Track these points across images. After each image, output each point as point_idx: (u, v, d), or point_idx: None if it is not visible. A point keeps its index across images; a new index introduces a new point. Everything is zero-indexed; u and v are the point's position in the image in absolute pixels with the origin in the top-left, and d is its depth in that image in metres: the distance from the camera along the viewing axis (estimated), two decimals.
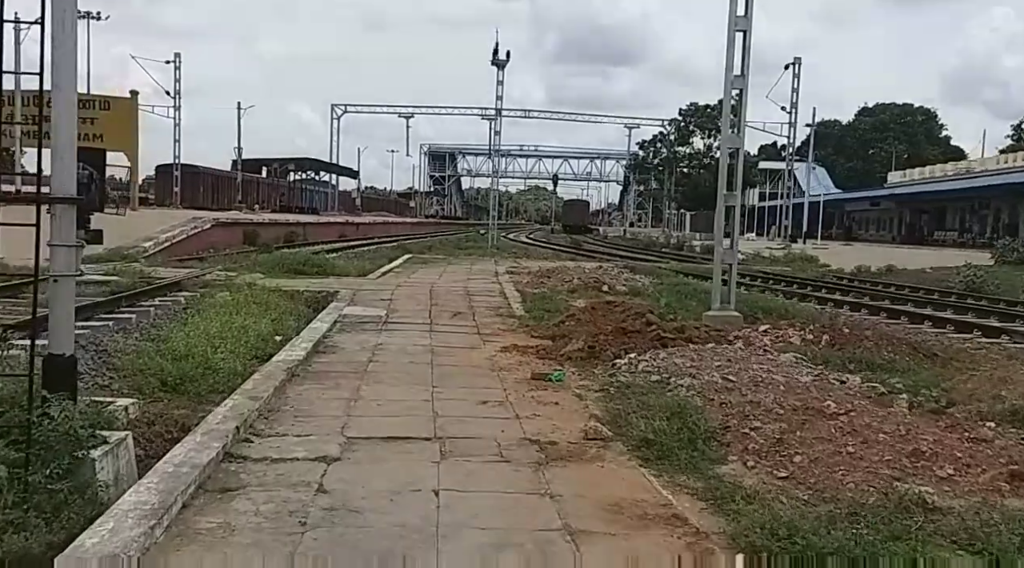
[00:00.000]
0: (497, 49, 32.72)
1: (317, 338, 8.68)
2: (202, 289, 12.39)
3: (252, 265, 16.39)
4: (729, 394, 6.03)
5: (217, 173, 55.21)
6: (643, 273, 18.24)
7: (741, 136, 11.47)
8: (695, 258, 30.29)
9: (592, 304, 10.48)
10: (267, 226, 31.44)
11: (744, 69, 11.32)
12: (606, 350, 8.15)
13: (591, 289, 14.37)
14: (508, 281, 15.88)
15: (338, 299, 12.26)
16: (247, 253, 20.51)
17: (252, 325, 9.80)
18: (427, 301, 12.52)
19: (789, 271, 22.76)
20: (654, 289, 15.09)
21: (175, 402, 6.74)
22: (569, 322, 10.09)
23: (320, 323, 9.77)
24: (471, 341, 9.26)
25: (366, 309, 11.39)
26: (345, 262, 18.57)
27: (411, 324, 10.25)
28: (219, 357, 8.05)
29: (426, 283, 15.16)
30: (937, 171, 60.83)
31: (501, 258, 26.11)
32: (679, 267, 22.52)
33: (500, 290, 14.12)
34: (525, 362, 8.03)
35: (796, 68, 40.55)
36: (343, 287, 13.66)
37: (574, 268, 17.54)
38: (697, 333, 8.54)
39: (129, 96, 30.76)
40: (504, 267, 20.32)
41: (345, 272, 16.46)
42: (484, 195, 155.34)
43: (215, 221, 25.46)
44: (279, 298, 12.02)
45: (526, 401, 6.35)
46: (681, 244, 42.63)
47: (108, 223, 21.93)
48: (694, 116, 65.17)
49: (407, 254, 25.83)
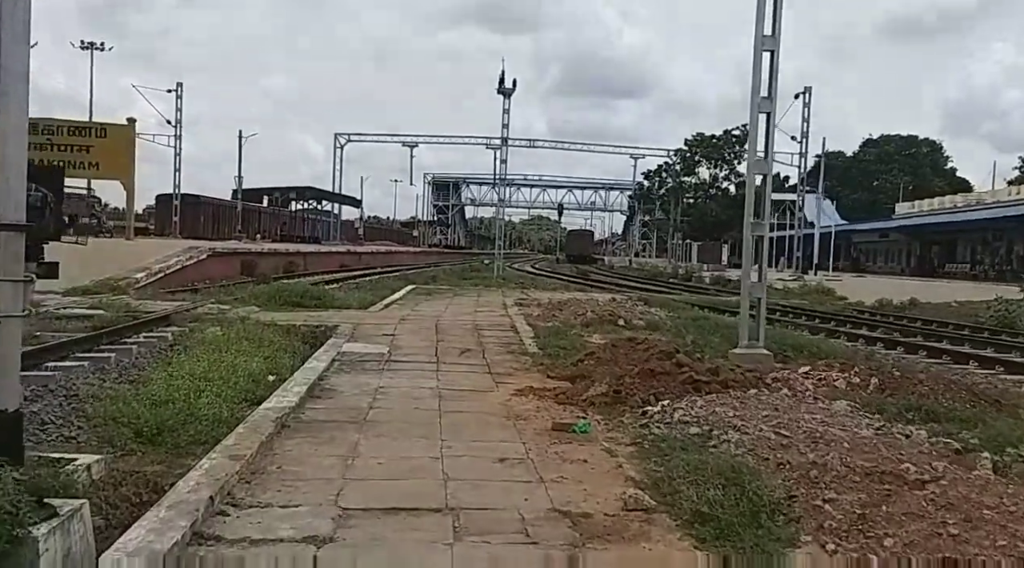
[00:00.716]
0: (503, 77, 32.32)
1: (312, 380, 7.88)
2: (192, 324, 11.62)
3: (248, 297, 15.62)
4: (786, 452, 5.21)
5: (218, 202, 54.76)
6: (657, 305, 17.44)
7: (769, 161, 10.74)
8: (708, 290, 29.53)
9: (613, 342, 9.68)
10: (266, 256, 30.68)
11: (772, 91, 10.63)
12: (633, 394, 7.34)
13: (606, 323, 13.58)
14: (518, 314, 15.08)
15: (337, 334, 11.47)
16: (244, 284, 19.77)
17: (243, 364, 9.03)
18: (433, 336, 11.72)
19: (807, 304, 21.93)
20: (672, 323, 14.28)
21: (150, 456, 5.93)
22: (589, 361, 9.29)
23: (316, 362, 8.97)
24: (482, 383, 8.45)
25: (367, 346, 10.59)
26: (346, 294, 17.80)
27: (416, 363, 9.45)
28: (204, 402, 7.26)
29: (431, 316, 14.37)
30: (947, 202, 60.26)
31: (508, 289, 25.32)
32: (693, 299, 21.72)
33: (510, 324, 13.32)
34: (544, 408, 7.22)
35: (807, 97, 40.05)
36: (343, 321, 12.88)
37: (586, 300, 16.75)
38: (732, 375, 7.72)
39: (126, 123, 30.16)
40: (512, 299, 19.53)
41: (346, 304, 15.68)
42: (488, 224, 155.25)
43: (211, 251, 24.72)
44: (274, 333, 11.26)
45: (550, 458, 5.54)
46: (689, 275, 41.87)
47: (99, 253, 21.33)
48: (700, 146, 64.75)
49: (410, 285, 25.06)
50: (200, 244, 26.65)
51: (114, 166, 28.84)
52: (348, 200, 68.77)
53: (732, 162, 64.15)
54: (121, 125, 30.12)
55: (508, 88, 32.31)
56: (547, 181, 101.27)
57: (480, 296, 20.38)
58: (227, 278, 23.61)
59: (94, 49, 58.63)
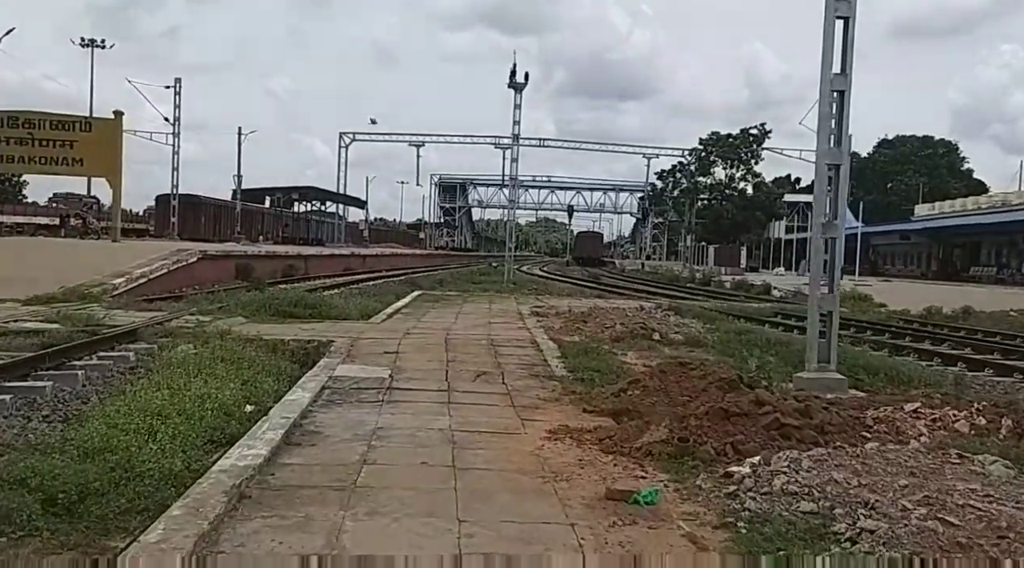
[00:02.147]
0: (515, 70, 30.65)
1: (292, 419, 6.25)
2: (162, 340, 10.00)
3: (234, 306, 14.00)
4: (968, 558, 3.54)
5: (220, 203, 53.26)
6: (690, 315, 15.75)
7: (844, 149, 9.05)
8: (734, 295, 27.78)
9: (662, 367, 8.01)
10: (263, 259, 28.97)
11: (847, 65, 8.96)
12: (704, 443, 5.69)
13: (639, 337, 11.92)
14: (537, 326, 13.43)
15: (331, 352, 9.84)
16: (236, 290, 18.16)
17: (215, 392, 7.46)
18: (442, 355, 10.06)
19: (847, 312, 20.16)
20: (714, 337, 12.62)
21: (60, 537, 4.32)
22: (633, 390, 7.64)
23: (301, 391, 7.33)
24: (505, 420, 6.80)
25: (365, 367, 8.95)
26: (346, 301, 16.17)
27: (423, 392, 7.80)
28: (154, 449, 5.69)
29: (440, 329, 12.72)
30: (969, 204, 58.37)
31: (521, 295, 23.66)
32: (722, 306, 20.02)
33: (530, 338, 11.66)
34: (588, 460, 5.58)
35: None
36: (340, 335, 11.24)
37: (611, 310, 15.08)
38: (828, 417, 6.04)
39: (113, 117, 28.44)
40: (528, 307, 17.87)
41: (344, 314, 14.05)
42: (494, 227, 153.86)
43: (202, 254, 23.03)
44: (258, 351, 9.67)
45: (612, 550, 3.90)
46: (708, 279, 40.09)
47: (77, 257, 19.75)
48: (716, 145, 62.90)
49: (417, 290, 23.43)
50: (190, 246, 25.00)
51: (99, 162, 27.11)
52: (352, 201, 67.08)
53: (749, 162, 62.35)
54: (107, 119, 28.30)
55: (520, 82, 30.65)
56: (556, 182, 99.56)
57: (492, 304, 18.71)
58: (220, 283, 22.02)
59: (95, 47, 57.48)
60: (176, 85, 41.29)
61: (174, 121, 41.47)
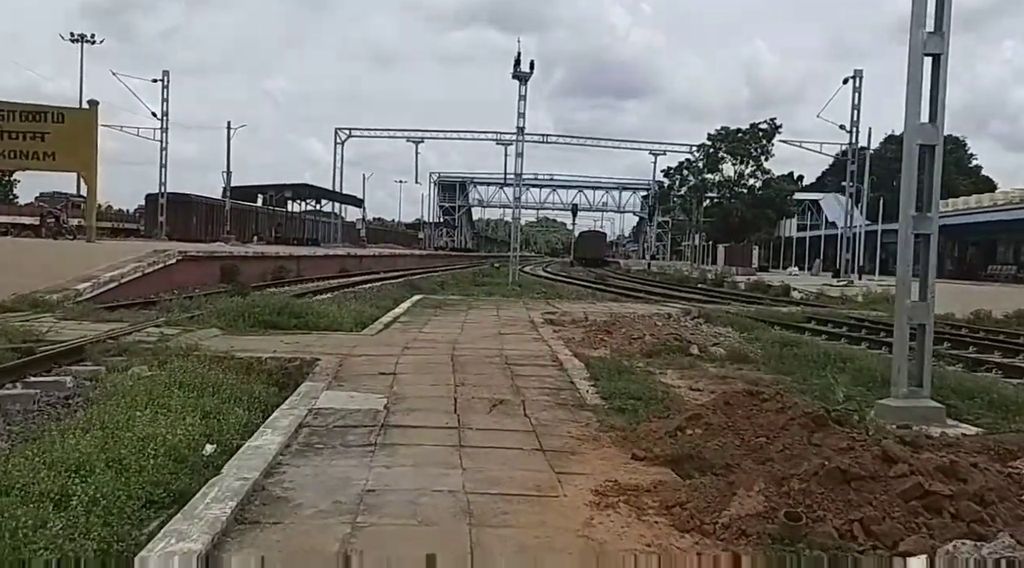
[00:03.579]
0: (519, 59, 29.01)
1: (253, 479, 4.66)
2: (114, 359, 8.37)
3: (209, 315, 12.39)
4: None
5: (212, 202, 51.55)
6: (721, 323, 14.12)
7: (939, 125, 7.43)
8: (758, 298, 26.09)
9: (726, 396, 6.38)
10: (251, 260, 27.22)
11: (943, 22, 7.36)
12: (821, 521, 4.09)
13: (675, 352, 10.32)
14: (555, 337, 11.81)
15: (315, 374, 8.22)
16: (217, 295, 16.52)
17: (164, 431, 5.90)
18: (449, 376, 8.44)
19: (885, 316, 18.54)
20: (759, 349, 11.01)
21: None
22: (693, 428, 6.03)
23: (270, 434, 5.71)
24: (535, 473, 5.19)
25: (355, 395, 7.34)
26: (338, 307, 14.52)
27: (427, 430, 6.18)
28: (58, 526, 4.15)
29: (444, 342, 11.09)
30: (985, 200, 56.70)
31: (529, 299, 22.04)
32: (749, 311, 18.39)
33: (550, 354, 10.03)
34: (659, 544, 3.99)
35: (857, 82, 36.39)
36: (327, 351, 9.63)
37: (634, 317, 13.45)
38: (983, 479, 4.42)
39: (87, 107, 26.60)
40: (539, 313, 16.24)
41: (335, 323, 12.41)
42: (494, 227, 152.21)
43: (183, 255, 21.31)
44: (227, 372, 8.07)
45: None
46: (720, 280, 38.42)
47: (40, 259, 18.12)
48: (724, 141, 61.14)
49: (416, 294, 21.81)
50: (169, 246, 23.33)
51: (73, 156, 25.26)
52: (349, 199, 65.30)
53: (759, 158, 60.59)
54: (81, 109, 26.39)
55: (524, 71, 28.99)
56: (558, 181, 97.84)
57: (500, 310, 17.08)
58: (203, 286, 20.40)
59: (84, 42, 55.88)
60: (164, 79, 39.69)
61: (162, 116, 39.86)
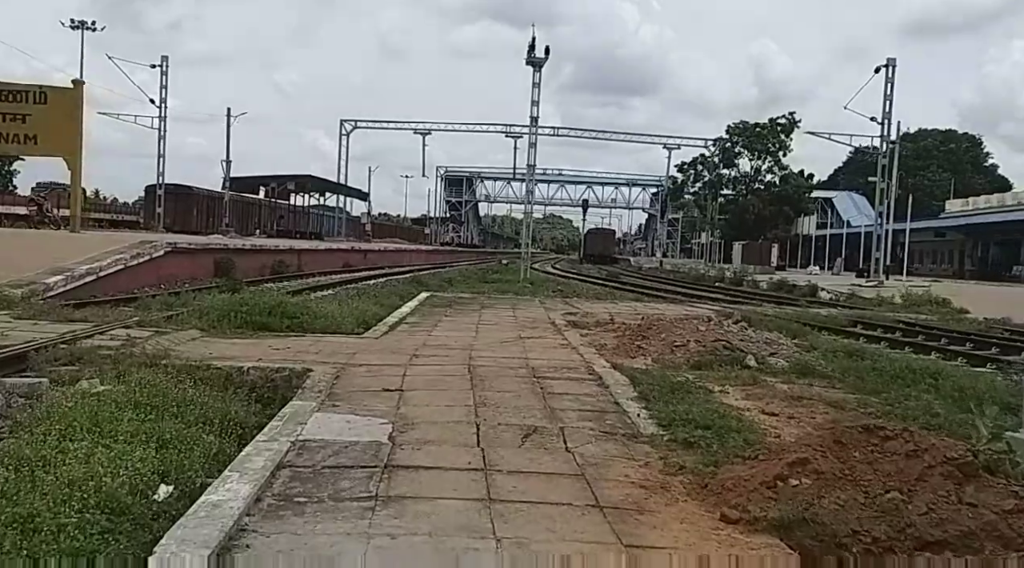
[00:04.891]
0: (533, 45, 27.51)
1: (202, 559, 3.19)
2: (64, 369, 6.93)
3: (189, 315, 10.94)
4: None
5: (214, 194, 50.11)
6: (764, 327, 12.60)
7: None
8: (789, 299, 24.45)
9: (836, 434, 4.89)
10: (247, 253, 25.68)
11: None
12: None
13: (728, 363, 8.84)
14: (583, 342, 10.34)
15: (306, 389, 6.76)
16: (209, 290, 15.09)
17: (103, 470, 4.53)
18: (467, 394, 6.96)
19: (936, 321, 17.03)
20: (819, 359, 9.52)
21: None
22: (798, 478, 4.55)
23: (235, 483, 4.24)
24: (597, 549, 3.72)
25: (352, 420, 5.87)
26: (339, 306, 13.05)
27: (443, 474, 4.71)
28: None
29: (457, 347, 9.62)
30: (1008, 199, 55.03)
31: (544, 297, 20.57)
32: (786, 313, 16.88)
33: (583, 364, 8.55)
34: None
35: (889, 72, 34.62)
36: (323, 359, 8.17)
37: (670, 321, 11.93)
38: None
39: (71, 86, 24.96)
40: (559, 313, 14.77)
41: (333, 325, 10.94)
42: (500, 223, 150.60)
43: (171, 246, 19.78)
44: (200, 386, 6.64)
45: None
46: (739, 279, 36.83)
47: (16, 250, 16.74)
48: (742, 135, 59.39)
49: (424, 291, 20.33)
50: (158, 238, 21.87)
51: (56, 139, 23.64)
52: (354, 192, 63.74)
53: (777, 153, 58.86)
54: (65, 89, 24.70)
55: (539, 57, 27.50)
56: (567, 177, 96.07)
57: (517, 310, 15.60)
58: (193, 281, 18.98)
59: (84, 28, 54.49)
60: (163, 65, 38.26)
61: (160, 103, 38.45)
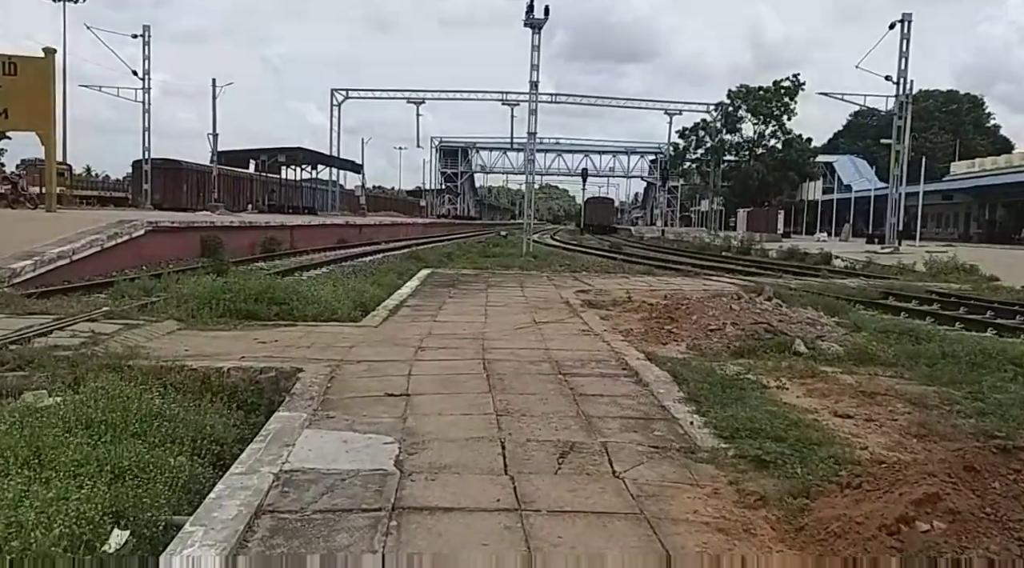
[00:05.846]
0: (533, 5, 26.14)
1: None
2: (10, 376, 5.89)
3: (166, 303, 9.88)
4: None
5: (204, 169, 48.74)
6: (796, 302, 11.57)
7: None
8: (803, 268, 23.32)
9: (966, 458, 3.88)
10: (236, 231, 24.44)
11: None
12: None
13: (774, 350, 7.83)
14: (607, 327, 9.31)
15: (293, 397, 5.71)
16: (194, 271, 13.99)
17: (34, 517, 3.56)
18: (485, 397, 5.92)
19: (971, 291, 16.02)
20: (870, 340, 8.52)
21: None
22: (928, 520, 3.53)
23: (195, 547, 3.21)
24: None
25: (350, 439, 4.84)
26: (334, 287, 11.97)
27: (467, 517, 3.68)
28: None
29: (468, 335, 8.59)
30: (1016, 159, 53.84)
31: (552, 272, 19.51)
32: (811, 285, 15.87)
33: (612, 354, 7.51)
34: None
35: (905, 28, 33.07)
36: (315, 355, 7.13)
37: (697, 301, 10.86)
38: None
39: (43, 55, 23.46)
40: (571, 291, 13.72)
41: (328, 311, 9.87)
42: (497, 193, 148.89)
43: (152, 225, 18.51)
44: (169, 394, 5.63)
45: None
46: (747, 247, 35.76)
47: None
48: (745, 99, 57.86)
49: (424, 267, 19.27)
50: (139, 216, 20.65)
51: (27, 113, 22.18)
52: (347, 164, 62.24)
53: (780, 118, 57.40)
54: (36, 58, 23.02)
55: (538, 18, 26.17)
56: (564, 146, 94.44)
57: (525, 287, 14.54)
58: (177, 262, 17.89)
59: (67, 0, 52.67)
60: (144, 34, 36.72)
61: (143, 75, 36.97)
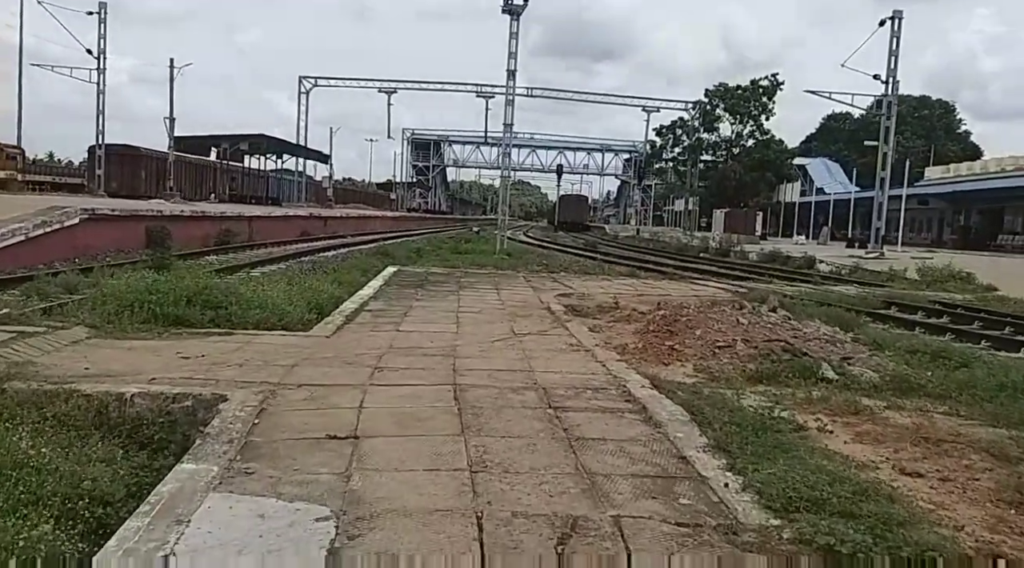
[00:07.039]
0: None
1: None
2: None
3: (79, 305, 8.46)
4: None
5: (165, 156, 46.73)
6: (800, 312, 10.44)
7: None
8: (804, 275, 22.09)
9: None
10: (187, 221, 22.78)
11: None
12: None
13: (797, 374, 6.66)
14: (597, 340, 8.08)
15: (207, 440, 4.37)
16: (134, 265, 12.51)
17: None
18: (456, 443, 4.62)
19: (975, 302, 15.09)
20: (893, 361, 7.39)
21: None
22: None
23: None
24: None
25: (268, 509, 3.51)
26: (286, 288, 10.58)
27: None
28: None
29: (436, 350, 7.29)
30: (991, 165, 53.68)
31: (529, 272, 18.24)
32: (805, 292, 14.81)
33: (611, 380, 6.25)
34: None
35: (895, 25, 32.28)
36: (247, 374, 5.79)
37: (698, 311, 9.66)
38: None
39: None
40: (551, 294, 12.48)
41: (275, 317, 8.50)
42: (469, 188, 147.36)
43: (88, 213, 16.81)
44: (42, 436, 4.26)
45: None
46: (726, 249, 34.78)
47: None
48: (723, 98, 57.07)
49: (390, 264, 17.91)
50: (71, 202, 18.94)
51: None
52: (313, 154, 60.25)
53: (758, 118, 56.76)
54: None
55: (518, 4, 24.89)
56: (538, 141, 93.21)
57: (500, 289, 13.26)
58: (118, 253, 16.37)
59: None
60: (100, 12, 34.73)
61: (99, 55, 34.98)
